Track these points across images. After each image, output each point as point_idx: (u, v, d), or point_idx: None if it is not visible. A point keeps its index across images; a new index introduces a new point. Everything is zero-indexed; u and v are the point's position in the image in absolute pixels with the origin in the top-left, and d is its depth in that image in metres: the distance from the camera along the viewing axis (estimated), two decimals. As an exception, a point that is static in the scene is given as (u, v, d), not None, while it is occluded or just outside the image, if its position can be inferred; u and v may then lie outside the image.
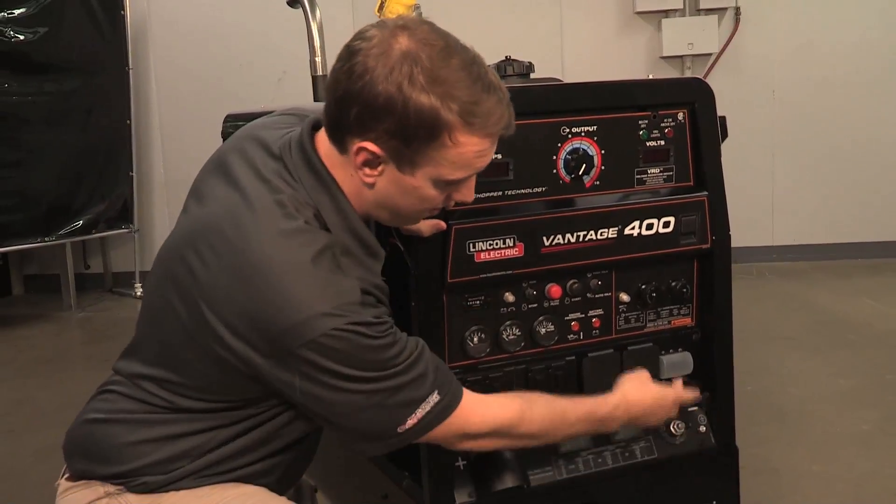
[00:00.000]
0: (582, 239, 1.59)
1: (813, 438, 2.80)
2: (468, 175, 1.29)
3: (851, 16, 5.33)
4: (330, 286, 1.23)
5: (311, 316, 1.20)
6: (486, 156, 1.29)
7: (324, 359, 1.22)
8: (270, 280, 1.22)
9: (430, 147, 1.23)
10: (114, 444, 1.39)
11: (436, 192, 1.29)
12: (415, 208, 1.33)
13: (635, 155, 1.64)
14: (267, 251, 1.23)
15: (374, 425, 1.29)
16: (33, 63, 4.83)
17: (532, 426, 1.40)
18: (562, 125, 1.57)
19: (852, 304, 4.42)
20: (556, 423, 1.43)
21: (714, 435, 1.76)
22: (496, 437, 1.39)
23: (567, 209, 1.59)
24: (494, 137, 1.27)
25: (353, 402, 1.26)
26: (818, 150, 5.41)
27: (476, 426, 1.36)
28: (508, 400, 1.41)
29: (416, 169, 1.26)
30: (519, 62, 1.72)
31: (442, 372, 1.33)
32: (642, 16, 5.45)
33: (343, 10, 5.31)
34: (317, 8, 2.50)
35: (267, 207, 1.27)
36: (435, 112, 1.20)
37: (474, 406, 1.36)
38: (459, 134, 1.23)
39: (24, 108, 4.82)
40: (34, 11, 4.83)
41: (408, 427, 1.29)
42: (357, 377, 1.24)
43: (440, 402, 1.30)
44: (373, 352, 1.24)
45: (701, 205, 1.67)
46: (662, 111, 1.64)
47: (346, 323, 1.21)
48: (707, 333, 1.75)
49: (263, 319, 1.22)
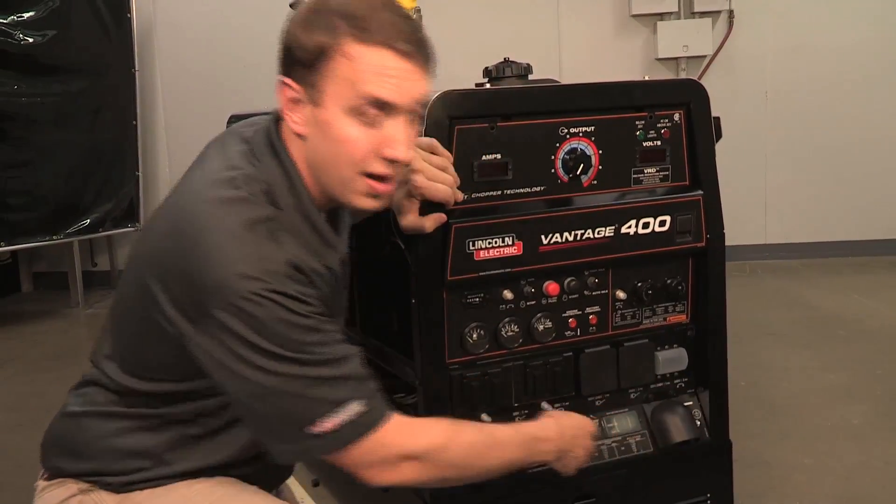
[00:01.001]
0: (579, 238, 1.59)
1: (804, 432, 2.80)
2: (377, 99, 1.23)
3: (843, 19, 5.33)
4: (256, 251, 1.19)
5: (230, 275, 1.17)
6: (393, 76, 1.23)
7: (239, 324, 1.17)
8: (200, 241, 1.20)
9: (328, 66, 1.23)
10: (84, 440, 1.37)
11: (354, 129, 1.24)
12: (343, 160, 1.26)
13: (632, 155, 1.63)
14: (204, 215, 1.22)
15: (287, 417, 1.20)
16: (42, 65, 4.83)
17: (458, 452, 1.30)
18: (560, 126, 1.57)
19: (842, 300, 4.43)
20: (486, 448, 1.33)
21: (708, 429, 1.76)
22: (418, 463, 1.27)
23: (565, 208, 1.58)
24: (396, 52, 1.23)
25: (266, 384, 1.19)
26: (810, 150, 5.41)
27: (397, 449, 1.25)
28: (434, 423, 1.33)
29: (324, 95, 1.24)
30: (517, 63, 1.72)
31: (370, 387, 1.24)
32: (638, 18, 5.45)
33: (345, 12, 5.29)
34: (319, 11, 2.50)
35: (217, 180, 1.26)
36: (328, 27, 1.22)
37: (399, 428, 1.25)
38: (353, 47, 1.22)
39: (33, 109, 4.81)
40: (43, 15, 4.82)
41: (323, 430, 1.20)
42: (272, 353, 1.17)
43: (363, 413, 1.21)
44: (291, 329, 1.18)
45: (696, 204, 1.67)
46: (659, 112, 1.64)
47: (265, 288, 1.17)
48: (702, 330, 1.75)
49: (190, 280, 1.20)
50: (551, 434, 1.43)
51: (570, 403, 1.66)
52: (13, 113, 4.74)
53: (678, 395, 1.76)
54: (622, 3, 5.44)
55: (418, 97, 1.27)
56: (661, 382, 1.74)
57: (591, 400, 1.68)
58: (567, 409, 1.66)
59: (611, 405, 1.70)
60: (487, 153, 1.52)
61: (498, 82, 1.70)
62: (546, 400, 1.63)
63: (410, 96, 1.26)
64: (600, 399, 1.69)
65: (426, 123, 1.47)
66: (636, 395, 1.72)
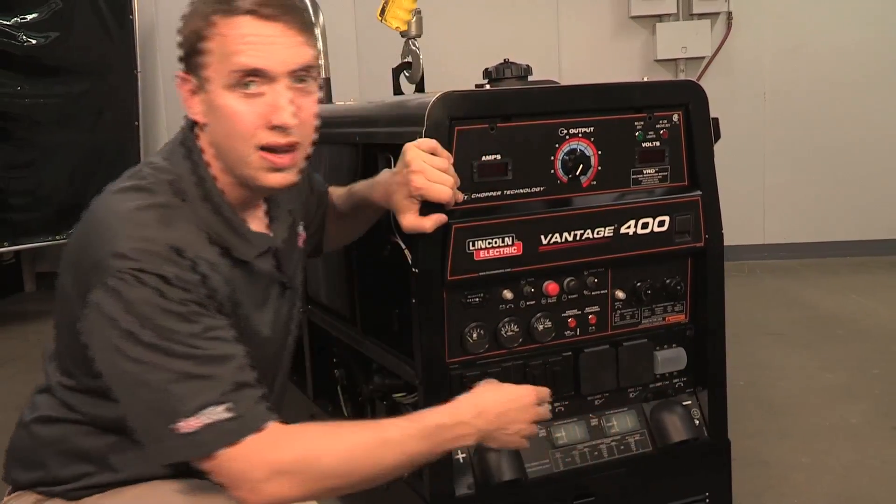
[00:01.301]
0: (579, 238, 1.58)
1: (802, 431, 2.80)
2: (249, 68, 1.23)
3: (840, 20, 5.33)
4: (138, 233, 1.18)
5: (107, 254, 1.17)
6: (260, 42, 1.23)
7: (110, 303, 1.15)
8: (93, 224, 1.22)
9: (205, 47, 1.25)
10: (32, 447, 1.36)
11: (237, 103, 1.24)
12: (234, 136, 1.25)
13: (631, 155, 1.63)
14: (102, 203, 1.25)
15: (153, 413, 1.15)
16: (44, 66, 4.83)
17: (334, 460, 1.19)
18: (559, 126, 1.57)
19: (840, 300, 4.42)
20: (372, 450, 1.21)
21: (707, 428, 1.76)
22: (290, 478, 1.16)
23: (564, 209, 1.58)
24: (260, 17, 1.24)
25: (131, 372, 1.15)
26: (808, 150, 5.41)
27: (262, 464, 1.15)
28: (307, 431, 1.23)
29: (208, 78, 1.26)
30: (517, 65, 1.72)
31: (244, 394, 1.17)
32: (637, 20, 5.44)
33: (345, 14, 5.29)
34: (320, 12, 2.50)
35: (126, 175, 1.29)
36: (200, 12, 1.26)
37: (268, 441, 1.17)
38: (220, 22, 1.24)
39: (36, 110, 4.81)
40: (46, 16, 4.82)
41: (187, 431, 1.13)
42: (138, 338, 1.14)
43: (229, 420, 1.14)
44: (160, 314, 1.15)
45: (695, 204, 1.66)
46: (658, 113, 1.64)
47: (136, 268, 1.15)
48: (700, 329, 1.74)
49: (81, 261, 1.22)
50: (464, 417, 1.30)
51: (570, 403, 1.66)
52: (16, 114, 4.73)
53: (677, 394, 1.76)
54: (621, 5, 5.44)
55: (296, 60, 1.26)
56: (660, 382, 1.74)
57: (591, 399, 1.68)
58: (567, 408, 1.66)
59: (610, 404, 1.70)
60: (487, 154, 1.52)
61: (498, 83, 1.69)
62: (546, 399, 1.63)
63: (284, 60, 1.25)
64: (600, 398, 1.69)
65: (426, 125, 1.46)
66: (635, 395, 1.72)
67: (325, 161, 1.98)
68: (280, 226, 1.43)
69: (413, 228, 1.47)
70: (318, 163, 2.01)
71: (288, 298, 1.45)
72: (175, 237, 1.20)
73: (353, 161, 1.80)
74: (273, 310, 1.40)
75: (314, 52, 1.31)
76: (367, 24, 5.10)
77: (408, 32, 2.13)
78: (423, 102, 1.49)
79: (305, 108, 1.28)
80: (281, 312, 1.43)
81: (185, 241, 1.21)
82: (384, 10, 2.11)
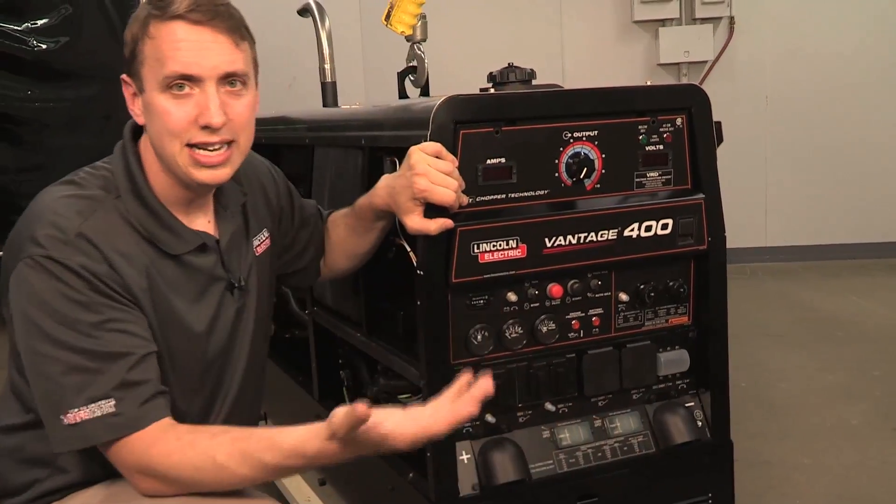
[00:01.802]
0: (583, 240, 1.58)
1: (803, 432, 2.79)
2: (176, 72, 1.26)
3: (841, 24, 5.32)
4: (53, 220, 1.23)
5: (23, 238, 1.22)
6: (188, 47, 1.26)
7: (19, 293, 1.20)
8: (24, 213, 1.28)
9: (141, 52, 1.29)
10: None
11: (168, 104, 1.28)
12: (165, 135, 1.29)
13: (635, 159, 1.63)
14: (36, 197, 1.31)
15: (47, 401, 1.20)
16: (54, 71, 4.83)
17: (185, 473, 1.20)
18: (563, 130, 1.56)
19: (841, 302, 4.42)
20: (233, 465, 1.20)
21: (710, 430, 1.75)
22: (155, 480, 1.22)
23: (568, 212, 1.57)
24: (188, 21, 1.27)
25: (31, 360, 1.20)
26: (810, 153, 5.40)
27: (133, 462, 1.21)
28: (175, 439, 1.22)
29: (144, 81, 1.30)
30: (521, 69, 1.71)
31: (133, 392, 1.21)
32: (640, 24, 5.44)
33: (351, 19, 5.30)
34: (326, 17, 2.50)
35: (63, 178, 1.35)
36: (138, 17, 1.30)
37: (144, 441, 1.21)
38: (154, 26, 1.27)
39: (45, 114, 4.82)
40: (56, 22, 4.83)
41: (73, 422, 1.19)
42: (40, 328, 1.18)
43: (112, 415, 1.19)
44: (64, 303, 1.18)
45: (698, 207, 1.66)
46: (661, 116, 1.63)
47: (43, 255, 1.20)
48: (703, 331, 1.74)
49: (9, 247, 1.27)
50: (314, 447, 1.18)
51: (574, 404, 1.66)
52: (26, 118, 4.75)
53: (680, 396, 1.75)
54: (624, 10, 5.44)
55: (225, 66, 1.29)
56: (663, 383, 1.73)
57: (594, 401, 1.68)
58: (570, 409, 1.65)
59: (613, 406, 1.69)
60: (492, 157, 1.52)
61: (502, 87, 1.69)
62: (549, 401, 1.62)
63: (214, 65, 1.28)
64: (603, 400, 1.68)
65: (431, 128, 1.46)
66: (638, 396, 1.71)
67: (332, 164, 1.98)
68: (227, 226, 1.46)
69: (418, 230, 1.47)
70: (325, 165, 2.01)
71: (237, 299, 1.46)
72: (88, 227, 1.24)
73: (359, 164, 1.80)
74: (213, 307, 1.41)
75: (245, 58, 1.33)
76: (372, 29, 5.10)
77: (413, 37, 2.13)
78: (428, 106, 1.48)
79: (236, 109, 1.32)
80: (225, 311, 1.44)
81: (99, 231, 1.24)
82: (389, 14, 2.11)
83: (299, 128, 2.20)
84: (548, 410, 1.62)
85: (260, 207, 1.59)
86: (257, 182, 1.61)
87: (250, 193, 1.56)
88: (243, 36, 1.33)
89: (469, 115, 1.49)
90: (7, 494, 1.35)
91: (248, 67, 1.34)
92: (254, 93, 1.37)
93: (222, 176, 1.34)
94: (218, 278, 1.42)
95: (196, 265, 1.37)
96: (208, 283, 1.40)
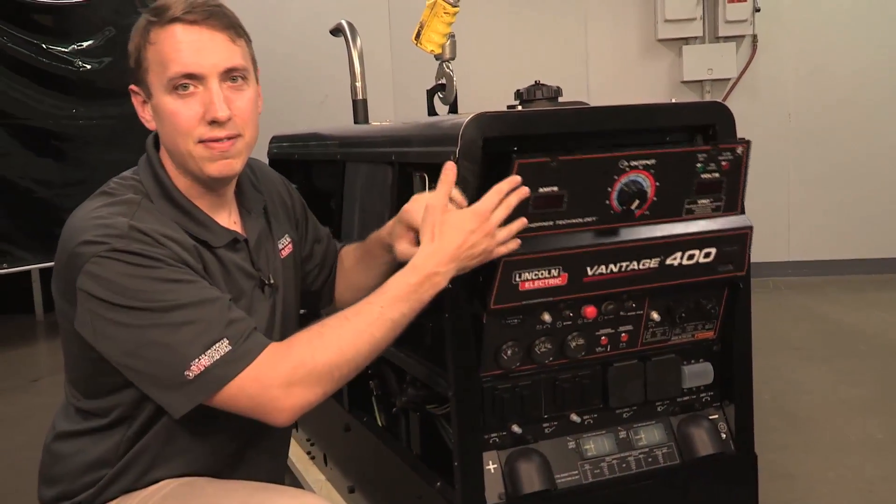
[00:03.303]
0: (624, 269, 1.53)
1: (827, 445, 2.74)
2: (179, 72, 1.29)
3: (862, 42, 5.27)
4: (102, 223, 1.25)
5: (78, 245, 1.23)
6: (187, 47, 1.29)
7: (94, 286, 1.21)
8: (65, 230, 1.29)
9: (144, 59, 1.31)
10: (52, 463, 1.39)
11: (175, 104, 1.30)
12: (177, 134, 1.31)
13: (689, 187, 1.56)
14: (72, 214, 1.32)
15: (161, 367, 1.22)
16: (98, 89, 4.92)
17: (329, 353, 1.26)
18: (621, 159, 1.49)
19: (863, 316, 4.34)
20: (360, 331, 1.29)
21: (734, 442, 1.72)
22: (299, 385, 1.25)
23: (614, 241, 1.51)
24: (184, 23, 1.29)
25: (132, 338, 1.21)
26: (832, 169, 5.34)
27: (270, 381, 1.23)
28: (296, 338, 1.29)
29: (151, 86, 1.32)
30: (548, 86, 1.70)
31: (237, 327, 1.25)
32: (664, 43, 5.42)
33: (382, 39, 5.33)
34: (357, 37, 2.51)
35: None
36: (140, 27, 1.33)
37: (268, 359, 1.24)
38: (153, 33, 1.30)
39: (89, 131, 4.90)
40: (101, 43, 4.92)
41: (199, 371, 1.20)
42: (126, 307, 1.20)
43: (231, 352, 1.22)
44: (139, 281, 1.21)
45: (743, 238, 1.61)
46: (723, 145, 1.58)
47: (106, 250, 1.22)
48: (727, 345, 1.71)
49: (58, 264, 1.29)
50: (430, 268, 1.34)
51: (599, 415, 1.64)
52: (71, 134, 4.83)
53: (704, 408, 1.72)
54: (648, 28, 5.42)
55: (225, 62, 1.32)
56: (688, 396, 1.71)
57: (619, 412, 1.66)
58: (596, 421, 1.63)
59: (638, 418, 1.67)
60: (545, 186, 1.46)
61: (529, 104, 1.68)
62: (575, 412, 1.60)
63: (214, 62, 1.31)
64: (628, 412, 1.66)
65: (460, 144, 1.45)
66: (663, 408, 1.69)
67: (363, 179, 1.98)
68: (252, 227, 1.48)
69: (404, 256, 1.47)
70: (356, 181, 2.01)
71: (268, 297, 1.48)
72: (136, 222, 1.26)
73: (389, 179, 1.80)
74: (248, 302, 1.43)
75: (243, 53, 1.36)
76: (402, 48, 5.13)
77: (442, 56, 2.13)
78: (457, 123, 1.48)
79: (239, 103, 1.34)
80: (260, 308, 1.45)
81: (147, 225, 1.27)
82: (419, 34, 2.11)
83: (331, 144, 2.21)
84: (573, 422, 1.61)
85: (280, 214, 1.61)
86: (275, 190, 1.64)
87: (269, 200, 1.59)
88: (239, 33, 1.37)
89: (496, 132, 1.48)
90: (69, 496, 1.37)
91: (247, 62, 1.38)
92: (255, 87, 1.40)
93: (233, 167, 1.36)
94: (249, 275, 1.44)
95: (230, 260, 1.40)
96: (241, 280, 1.42)
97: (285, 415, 1.26)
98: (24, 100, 4.65)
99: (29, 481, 1.54)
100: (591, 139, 1.57)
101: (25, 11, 4.68)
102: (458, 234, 1.34)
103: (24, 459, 2.77)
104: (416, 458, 1.77)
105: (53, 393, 3.65)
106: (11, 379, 4.06)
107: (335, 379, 1.29)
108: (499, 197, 1.37)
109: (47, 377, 4.08)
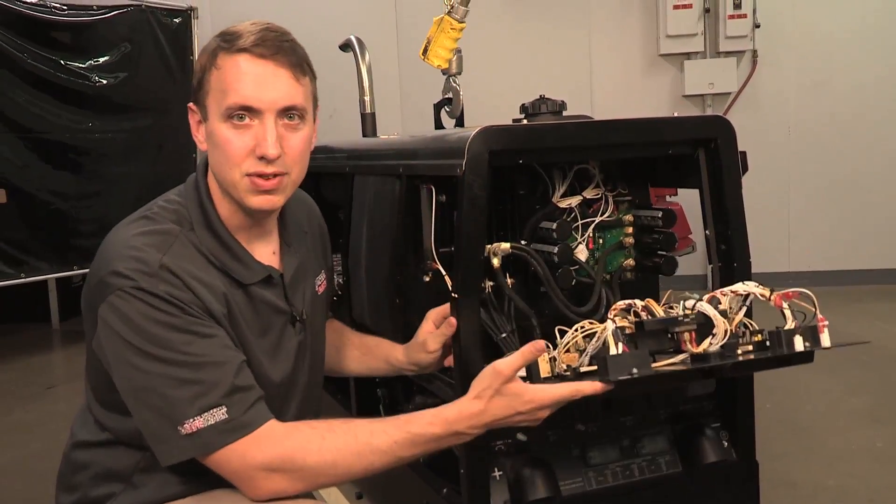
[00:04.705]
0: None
1: (828, 454, 2.73)
2: (237, 103, 1.26)
3: (860, 57, 5.27)
4: (135, 255, 1.23)
5: (107, 273, 1.22)
6: (251, 80, 1.26)
7: (116, 321, 1.20)
8: (101, 249, 1.28)
9: (207, 81, 1.28)
10: (69, 471, 1.39)
11: (229, 133, 1.27)
12: (226, 163, 1.29)
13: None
14: (111, 233, 1.30)
15: (157, 415, 1.20)
16: (114, 104, 4.95)
17: (321, 461, 1.22)
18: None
19: (864, 326, 4.33)
20: (358, 456, 1.23)
21: (736, 450, 1.71)
22: (281, 475, 1.21)
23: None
24: (253, 55, 1.27)
25: (138, 380, 1.20)
26: (832, 181, 5.33)
27: (255, 461, 1.20)
28: (299, 431, 1.24)
29: (208, 109, 1.29)
30: (552, 100, 1.71)
31: (241, 396, 1.22)
32: (666, 58, 5.43)
33: (390, 53, 5.35)
34: (366, 52, 2.52)
35: (141, 208, 1.35)
36: (208, 49, 1.30)
37: (263, 439, 1.21)
38: (221, 58, 1.27)
39: (104, 144, 4.93)
40: (116, 59, 4.96)
41: (191, 431, 1.19)
42: (139, 349, 1.19)
43: (227, 421, 1.19)
44: (157, 326, 1.19)
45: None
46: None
47: (132, 286, 1.20)
48: (729, 354, 1.70)
49: (90, 282, 1.27)
50: (461, 427, 1.26)
51: (603, 423, 1.63)
52: (87, 148, 4.86)
53: (706, 416, 1.72)
54: (651, 44, 5.43)
55: (284, 100, 1.29)
56: (690, 404, 1.70)
57: (623, 420, 1.65)
58: (600, 429, 1.62)
59: (641, 426, 1.67)
60: None
61: (534, 118, 1.68)
62: (579, 420, 1.60)
63: (273, 99, 1.28)
64: (631, 420, 1.66)
65: (466, 157, 1.45)
66: (666, 417, 1.68)
67: (371, 191, 1.98)
68: (290, 262, 1.45)
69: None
70: (364, 193, 2.01)
71: (298, 332, 1.45)
72: (168, 260, 1.24)
73: (397, 191, 1.80)
74: (276, 339, 1.40)
75: (305, 92, 1.33)
76: (409, 63, 5.14)
77: (448, 70, 2.13)
78: (464, 136, 1.48)
79: (292, 143, 1.31)
80: (287, 343, 1.43)
81: (179, 263, 1.25)
82: (426, 49, 2.12)
83: (339, 157, 2.21)
84: (578, 430, 1.60)
85: (318, 251, 1.60)
86: (318, 229, 1.63)
87: (311, 236, 1.57)
88: (304, 71, 1.33)
89: (502, 145, 1.48)
90: (90, 502, 1.36)
91: (307, 102, 1.34)
92: (311, 127, 1.36)
93: (276, 202, 1.33)
94: (280, 311, 1.41)
95: (261, 297, 1.37)
96: (271, 316, 1.40)
97: (260, 495, 1.23)
98: (43, 114, 4.68)
99: (45, 487, 1.54)
100: (595, 152, 1.58)
101: (45, 29, 4.72)
102: (505, 410, 1.26)
103: (41, 465, 2.78)
104: (422, 465, 1.77)
105: (69, 400, 3.66)
106: (28, 386, 4.07)
107: (318, 483, 1.26)
108: (571, 398, 1.26)
109: (63, 385, 4.09)
